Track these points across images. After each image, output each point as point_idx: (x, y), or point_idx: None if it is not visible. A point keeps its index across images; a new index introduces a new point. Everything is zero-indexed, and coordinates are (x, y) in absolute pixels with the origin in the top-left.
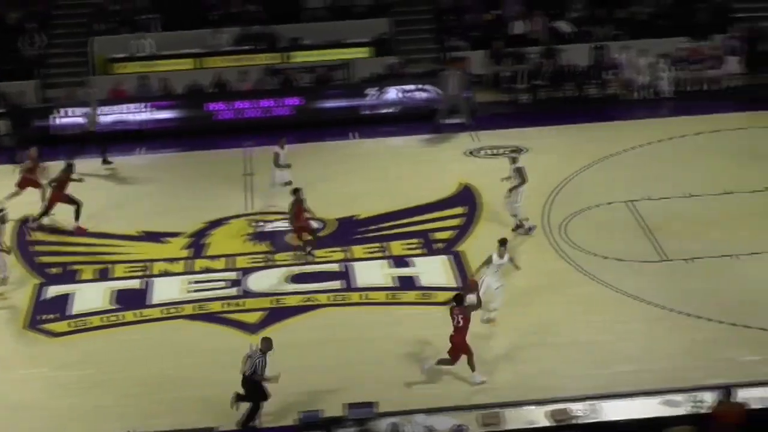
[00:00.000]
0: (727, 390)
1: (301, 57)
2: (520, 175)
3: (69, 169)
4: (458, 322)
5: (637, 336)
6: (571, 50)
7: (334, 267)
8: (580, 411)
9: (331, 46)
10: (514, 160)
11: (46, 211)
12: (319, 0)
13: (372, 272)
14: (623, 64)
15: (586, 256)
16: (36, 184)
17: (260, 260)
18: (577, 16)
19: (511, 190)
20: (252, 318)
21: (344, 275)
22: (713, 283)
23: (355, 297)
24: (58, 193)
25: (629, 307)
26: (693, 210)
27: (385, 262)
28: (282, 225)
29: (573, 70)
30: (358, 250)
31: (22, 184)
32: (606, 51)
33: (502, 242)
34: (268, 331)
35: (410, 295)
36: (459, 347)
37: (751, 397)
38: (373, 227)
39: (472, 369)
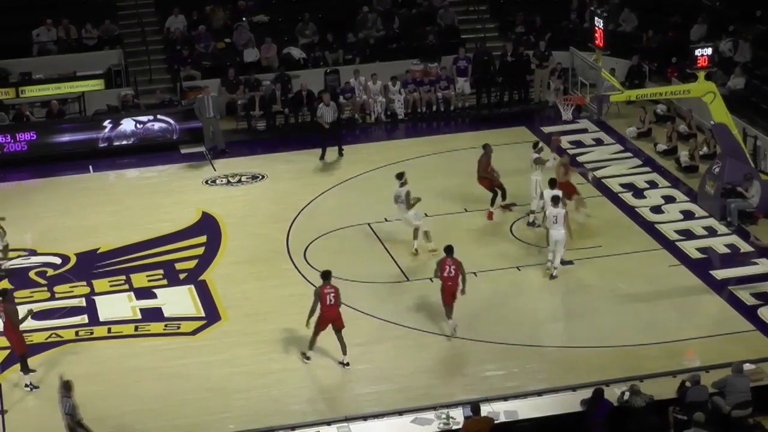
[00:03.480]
0: (475, 405)
1: (33, 91)
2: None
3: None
4: (450, 272)
5: (381, 356)
6: (304, 75)
7: (77, 302)
8: None
9: (64, 79)
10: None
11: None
12: (49, 34)
13: (117, 305)
14: (356, 87)
15: None
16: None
17: None
18: (307, 42)
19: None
20: None
21: (88, 310)
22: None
23: (100, 331)
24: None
25: (373, 327)
26: (431, 229)
27: (129, 294)
28: (21, 262)
29: (308, 96)
30: (101, 283)
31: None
32: (339, 76)
33: (555, 200)
34: (14, 369)
35: (157, 327)
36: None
37: (499, 410)
38: (115, 260)
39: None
